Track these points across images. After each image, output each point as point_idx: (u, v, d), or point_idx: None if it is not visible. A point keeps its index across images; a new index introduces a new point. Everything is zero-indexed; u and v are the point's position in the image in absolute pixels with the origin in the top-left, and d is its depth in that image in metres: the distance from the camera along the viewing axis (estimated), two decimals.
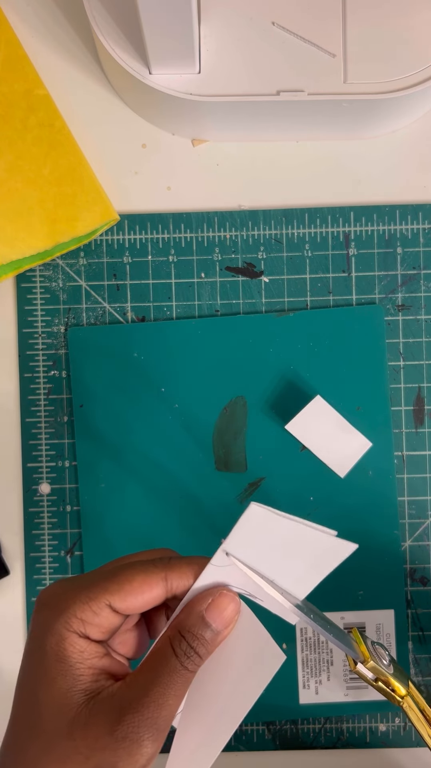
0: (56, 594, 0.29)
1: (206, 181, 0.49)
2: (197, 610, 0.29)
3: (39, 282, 0.48)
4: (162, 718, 0.27)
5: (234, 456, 0.48)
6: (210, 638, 0.29)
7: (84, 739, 0.26)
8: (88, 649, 0.28)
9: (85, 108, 0.49)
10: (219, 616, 0.29)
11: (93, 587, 0.29)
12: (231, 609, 0.29)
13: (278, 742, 0.48)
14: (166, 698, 0.27)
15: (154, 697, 0.27)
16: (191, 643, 0.28)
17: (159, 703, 0.27)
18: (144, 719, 0.27)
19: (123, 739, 0.26)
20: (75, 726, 0.27)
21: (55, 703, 0.27)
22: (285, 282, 0.49)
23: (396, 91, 0.44)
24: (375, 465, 0.48)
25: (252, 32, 0.44)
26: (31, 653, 0.29)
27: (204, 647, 0.29)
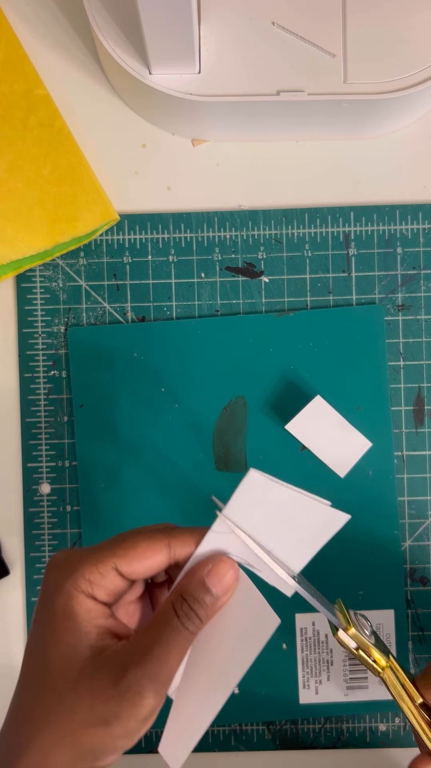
0: (66, 557, 0.31)
1: (206, 181, 0.49)
2: (198, 576, 0.31)
3: (39, 282, 0.48)
4: (163, 673, 0.29)
5: (234, 456, 0.48)
6: (210, 602, 0.30)
7: (89, 691, 0.28)
8: (94, 609, 0.30)
9: (85, 108, 0.49)
10: (219, 582, 0.31)
11: (100, 551, 0.30)
12: (231, 575, 0.31)
13: (278, 742, 0.48)
14: (167, 655, 0.29)
15: (156, 653, 0.29)
16: (192, 606, 0.30)
17: (161, 659, 0.29)
18: (146, 673, 0.28)
19: (126, 691, 0.28)
20: (81, 679, 0.28)
21: (63, 657, 0.29)
22: (285, 282, 0.49)
23: (396, 91, 0.44)
24: (375, 465, 0.48)
25: (252, 32, 0.44)
26: (41, 611, 0.30)
27: (204, 610, 0.30)
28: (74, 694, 0.28)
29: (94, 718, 0.28)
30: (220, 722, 0.47)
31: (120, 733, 0.29)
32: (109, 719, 0.28)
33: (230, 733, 0.48)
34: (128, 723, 0.28)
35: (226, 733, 0.48)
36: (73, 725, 0.28)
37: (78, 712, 0.28)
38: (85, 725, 0.28)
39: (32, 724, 0.29)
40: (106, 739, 0.29)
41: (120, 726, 0.28)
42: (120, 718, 0.28)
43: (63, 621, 0.29)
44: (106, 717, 0.28)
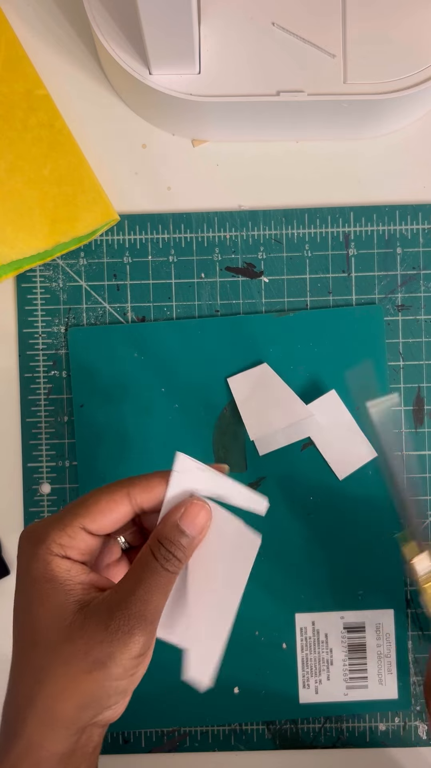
0: (34, 528, 0.33)
1: (206, 181, 0.49)
2: (172, 520, 0.32)
3: (39, 282, 0.49)
4: (149, 611, 0.30)
5: (234, 456, 0.48)
6: (186, 543, 0.32)
7: (82, 638, 0.30)
8: (73, 568, 0.31)
9: (85, 108, 0.49)
10: (192, 523, 0.32)
11: (65, 515, 0.32)
12: (203, 516, 0.33)
13: (278, 741, 0.48)
14: (150, 594, 0.31)
15: (139, 594, 0.30)
16: (169, 548, 0.32)
17: (145, 599, 0.30)
18: (132, 613, 0.30)
19: (116, 632, 0.30)
20: (72, 630, 0.30)
21: (51, 616, 0.31)
22: (285, 282, 0.49)
23: (396, 91, 0.44)
24: (375, 465, 0.48)
25: (252, 32, 0.44)
26: (22, 582, 0.32)
27: (181, 551, 0.32)
28: (69, 644, 0.30)
29: (90, 662, 0.30)
30: (220, 722, 0.48)
31: (118, 673, 0.30)
32: (105, 660, 0.30)
33: (230, 732, 0.48)
34: (123, 661, 0.30)
35: (226, 733, 0.48)
36: (73, 673, 0.30)
37: (74, 660, 0.30)
38: (84, 671, 0.30)
39: (34, 678, 0.31)
40: (105, 681, 0.30)
41: (116, 665, 0.30)
42: (114, 657, 0.30)
43: (45, 585, 0.31)
44: (101, 659, 0.30)
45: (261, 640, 0.47)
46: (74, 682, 0.30)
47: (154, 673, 0.47)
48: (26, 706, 0.31)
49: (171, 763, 0.48)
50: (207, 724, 0.48)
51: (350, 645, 0.48)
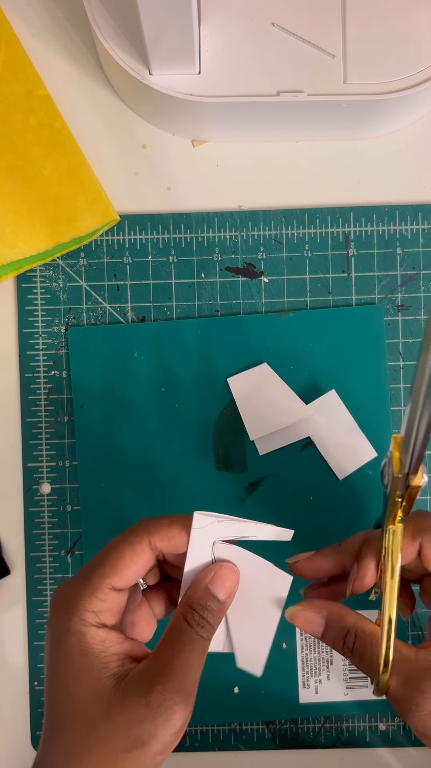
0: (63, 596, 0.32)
1: (206, 181, 0.49)
2: (203, 585, 0.32)
3: (39, 282, 0.49)
4: (188, 684, 0.30)
5: (235, 456, 0.48)
6: (217, 608, 0.32)
7: (122, 716, 0.29)
8: (108, 638, 0.31)
9: (85, 108, 0.49)
10: (223, 587, 0.32)
11: (92, 577, 0.31)
12: (232, 579, 0.33)
13: (278, 741, 0.48)
14: (189, 665, 0.30)
15: (178, 665, 0.30)
16: (202, 614, 0.32)
17: (183, 671, 0.30)
18: (173, 686, 0.29)
19: (158, 707, 0.29)
20: (111, 707, 0.29)
21: (89, 692, 0.30)
22: (285, 282, 0.49)
23: (396, 92, 0.44)
24: (375, 465, 0.48)
25: (252, 33, 0.44)
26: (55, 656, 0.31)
27: (213, 616, 0.32)
28: (108, 722, 0.29)
29: (131, 741, 0.29)
30: (220, 722, 0.48)
31: (158, 750, 0.29)
32: (146, 739, 0.29)
33: (230, 732, 0.48)
34: (164, 738, 0.29)
35: (226, 733, 0.48)
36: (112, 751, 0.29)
37: (115, 739, 0.29)
38: (124, 750, 0.29)
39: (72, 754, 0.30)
40: (146, 759, 0.29)
41: (157, 743, 0.29)
42: (155, 735, 0.29)
43: (80, 659, 0.30)
44: (143, 738, 0.29)
45: None
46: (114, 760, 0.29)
47: None
48: None
49: (171, 763, 0.48)
50: (207, 724, 0.48)
51: None
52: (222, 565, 0.33)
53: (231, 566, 0.33)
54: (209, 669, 0.47)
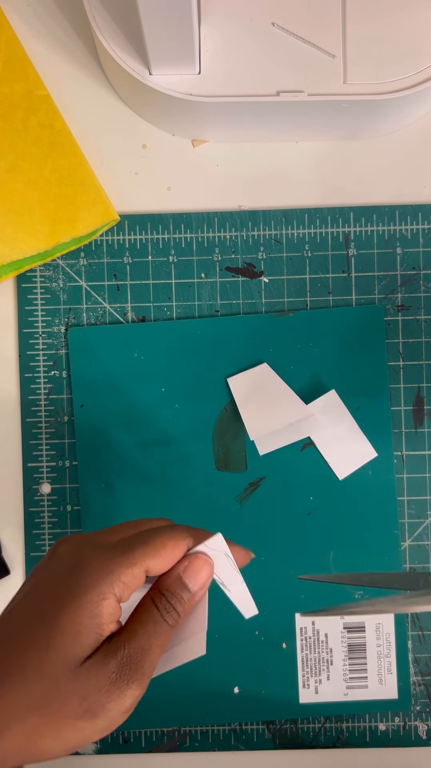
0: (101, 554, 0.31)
1: (206, 181, 0.49)
2: (175, 572, 0.32)
3: (39, 282, 0.49)
4: (146, 664, 0.30)
5: (234, 456, 0.48)
6: (187, 598, 0.32)
7: (82, 682, 0.29)
8: (116, 613, 0.31)
9: (85, 108, 0.49)
10: (195, 577, 0.32)
11: (134, 553, 0.31)
12: (205, 572, 0.33)
13: (278, 741, 0.48)
14: (150, 645, 0.31)
15: (140, 643, 0.30)
16: (170, 600, 0.32)
17: (144, 649, 0.30)
18: (131, 663, 0.30)
19: (114, 681, 0.29)
20: (79, 671, 0.30)
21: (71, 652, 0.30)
22: (285, 282, 0.49)
23: (396, 92, 0.44)
24: (375, 465, 0.48)
25: (252, 33, 0.44)
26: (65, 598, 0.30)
27: (181, 605, 0.32)
28: (69, 684, 0.29)
29: (82, 710, 0.29)
30: (220, 722, 0.48)
31: (102, 726, 0.30)
32: (97, 711, 0.29)
33: (230, 732, 0.48)
34: (111, 714, 0.30)
35: (226, 733, 0.48)
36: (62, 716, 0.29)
37: (69, 703, 0.29)
38: (74, 716, 0.29)
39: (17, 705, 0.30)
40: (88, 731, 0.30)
41: (104, 718, 0.30)
42: (105, 709, 0.29)
43: (85, 620, 0.30)
44: (94, 709, 0.29)
45: (261, 640, 0.47)
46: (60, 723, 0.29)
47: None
48: None
49: (171, 763, 0.48)
50: (207, 724, 0.48)
51: (350, 645, 0.48)
52: (197, 556, 0.33)
53: (205, 558, 0.33)
54: (209, 669, 0.47)
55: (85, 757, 0.48)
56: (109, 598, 0.30)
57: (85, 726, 0.29)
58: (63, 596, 0.31)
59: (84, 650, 0.30)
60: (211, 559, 0.33)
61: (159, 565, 0.32)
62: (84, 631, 0.30)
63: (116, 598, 0.30)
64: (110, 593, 0.30)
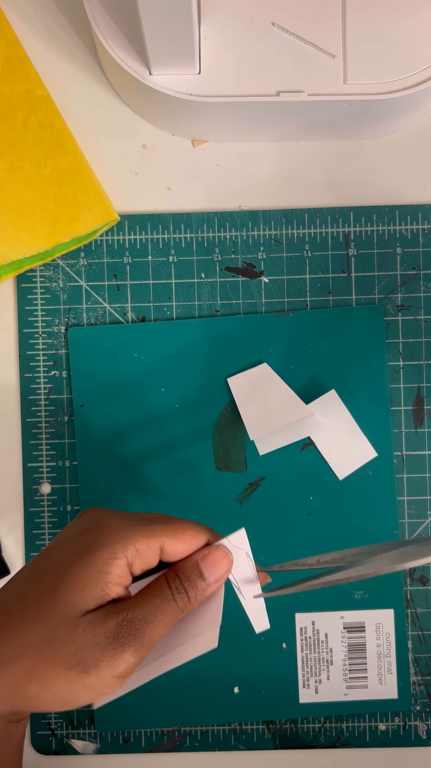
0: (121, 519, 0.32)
1: (206, 181, 0.49)
2: (194, 559, 0.33)
3: (39, 282, 0.49)
4: (146, 634, 0.31)
5: (234, 456, 0.48)
6: (201, 587, 0.32)
7: (82, 635, 0.30)
8: (124, 576, 0.31)
9: (85, 108, 0.49)
10: (212, 567, 0.33)
11: (152, 527, 0.32)
12: (224, 564, 0.33)
13: (278, 741, 0.48)
14: (154, 617, 0.31)
15: (144, 613, 0.31)
16: (183, 583, 0.32)
17: (148, 620, 0.31)
18: (132, 630, 0.30)
19: (111, 641, 0.30)
20: (78, 622, 0.30)
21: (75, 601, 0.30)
22: (285, 282, 0.49)
23: (396, 92, 0.44)
24: (374, 465, 0.48)
25: (252, 33, 0.44)
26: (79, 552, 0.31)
27: (193, 591, 0.32)
28: (67, 633, 0.30)
29: (75, 661, 0.30)
30: (220, 722, 0.48)
31: (91, 684, 0.30)
32: (89, 666, 0.30)
33: (230, 732, 0.48)
34: (103, 675, 0.30)
35: (226, 733, 0.48)
36: (54, 663, 0.30)
37: (63, 651, 0.30)
38: (66, 666, 0.30)
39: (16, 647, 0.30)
40: (76, 686, 0.30)
41: (95, 676, 0.30)
42: (98, 666, 0.30)
43: (94, 575, 0.31)
44: (86, 663, 0.30)
45: (261, 640, 0.47)
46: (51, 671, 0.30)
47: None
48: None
49: (171, 763, 0.48)
50: (207, 724, 0.48)
51: (350, 645, 0.48)
52: (219, 547, 0.33)
53: (226, 552, 0.33)
54: (209, 669, 0.47)
55: (85, 757, 0.48)
56: (120, 558, 0.31)
57: (75, 678, 0.30)
58: (79, 550, 0.31)
59: (87, 602, 0.30)
60: (232, 555, 0.33)
61: (175, 547, 0.32)
62: (90, 584, 0.30)
63: (127, 562, 0.31)
64: (122, 554, 0.31)
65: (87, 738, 0.48)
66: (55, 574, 0.31)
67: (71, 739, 0.48)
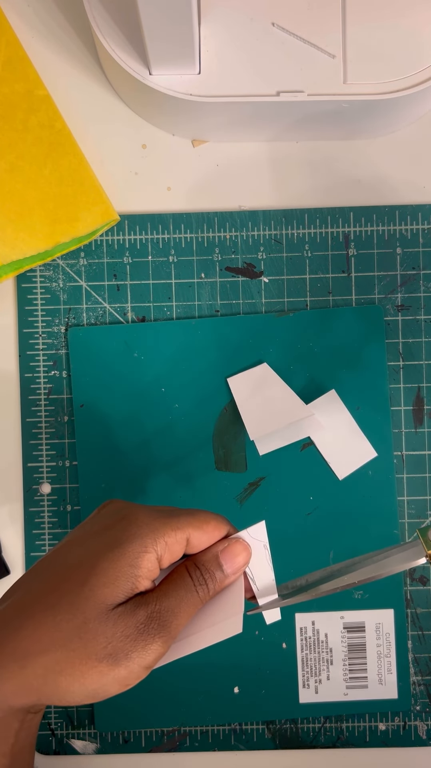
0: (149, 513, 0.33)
1: (206, 181, 0.49)
2: (213, 551, 0.33)
3: (39, 282, 0.49)
4: (173, 625, 0.31)
5: (234, 456, 0.48)
6: (219, 578, 0.33)
7: (113, 627, 0.30)
8: (153, 570, 0.32)
9: (85, 108, 0.49)
10: (231, 560, 0.33)
11: (179, 519, 0.33)
12: (242, 557, 0.34)
13: (278, 741, 0.48)
14: (179, 609, 0.32)
15: (171, 604, 0.32)
16: (203, 575, 0.33)
17: (174, 611, 0.31)
18: (161, 622, 0.31)
19: (141, 632, 0.30)
20: (108, 615, 0.30)
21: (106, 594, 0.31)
22: (285, 282, 0.49)
23: (396, 92, 0.44)
24: (374, 465, 0.48)
25: (252, 33, 0.44)
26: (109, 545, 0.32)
27: (213, 582, 0.33)
28: (98, 625, 0.30)
29: (106, 654, 0.30)
30: (220, 722, 0.48)
31: (122, 675, 0.30)
32: (119, 658, 0.30)
33: (230, 732, 0.48)
34: (133, 666, 0.30)
35: (226, 733, 0.48)
36: (85, 655, 0.30)
37: (94, 643, 0.30)
38: (96, 658, 0.30)
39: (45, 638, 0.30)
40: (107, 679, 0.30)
41: (126, 667, 0.30)
42: (128, 657, 0.30)
43: (125, 568, 0.31)
44: (117, 655, 0.30)
45: (261, 640, 0.47)
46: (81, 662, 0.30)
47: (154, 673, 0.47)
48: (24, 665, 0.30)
49: (171, 763, 0.48)
50: (207, 724, 0.48)
51: (350, 645, 0.48)
52: (238, 540, 0.34)
53: (245, 545, 0.34)
54: (209, 669, 0.47)
55: (85, 757, 0.48)
56: (151, 552, 0.31)
57: (106, 671, 0.30)
58: (108, 543, 0.32)
59: (118, 595, 0.31)
60: (251, 547, 0.34)
61: (200, 538, 0.33)
62: (122, 577, 0.31)
63: (157, 556, 0.31)
64: (152, 549, 0.31)
65: (87, 738, 0.48)
66: (83, 566, 0.31)
67: (71, 739, 0.48)
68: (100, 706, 0.47)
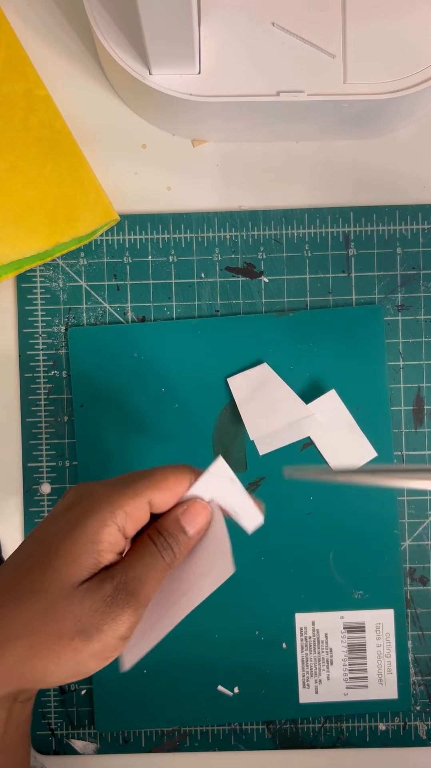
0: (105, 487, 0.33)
1: (206, 181, 0.49)
2: (174, 514, 0.34)
3: (39, 282, 0.49)
4: (142, 593, 0.31)
5: (234, 456, 0.48)
6: (183, 540, 0.33)
7: (80, 604, 0.30)
8: (117, 543, 0.32)
9: (85, 108, 0.49)
10: (192, 521, 0.33)
11: (137, 485, 0.32)
12: (203, 516, 0.34)
13: (278, 741, 0.48)
14: (146, 577, 0.32)
15: (137, 573, 0.32)
16: (167, 540, 0.33)
17: (141, 579, 0.31)
18: (127, 589, 0.31)
19: (109, 604, 0.30)
20: (75, 592, 0.31)
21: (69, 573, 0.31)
22: (285, 282, 0.49)
23: (396, 92, 0.44)
24: (374, 465, 0.48)
25: (252, 32, 0.44)
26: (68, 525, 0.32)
27: (178, 546, 0.33)
28: (67, 604, 0.30)
29: (77, 630, 0.30)
30: (220, 722, 0.48)
31: (96, 649, 0.30)
32: (91, 633, 0.30)
33: (230, 732, 0.48)
34: (106, 638, 0.30)
35: (226, 733, 0.48)
36: (58, 635, 0.30)
37: (65, 621, 0.30)
38: (69, 636, 0.30)
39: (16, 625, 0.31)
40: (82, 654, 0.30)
41: (98, 642, 0.30)
42: (100, 630, 0.30)
43: (86, 545, 0.31)
44: (89, 630, 0.30)
45: (261, 640, 0.47)
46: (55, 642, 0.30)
47: (154, 673, 0.47)
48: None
49: (171, 763, 0.48)
50: (207, 724, 0.48)
51: (350, 645, 0.48)
52: (196, 501, 0.34)
53: (204, 504, 0.34)
54: (209, 669, 0.47)
55: (85, 757, 0.48)
56: (110, 525, 0.31)
57: (80, 647, 0.30)
58: (68, 523, 0.32)
59: (82, 572, 0.31)
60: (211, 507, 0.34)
61: (163, 498, 0.33)
62: (83, 554, 0.31)
63: (118, 528, 0.31)
64: (111, 521, 0.31)
65: (87, 738, 0.48)
66: (46, 549, 0.32)
67: (71, 739, 0.48)
68: (100, 706, 0.47)
